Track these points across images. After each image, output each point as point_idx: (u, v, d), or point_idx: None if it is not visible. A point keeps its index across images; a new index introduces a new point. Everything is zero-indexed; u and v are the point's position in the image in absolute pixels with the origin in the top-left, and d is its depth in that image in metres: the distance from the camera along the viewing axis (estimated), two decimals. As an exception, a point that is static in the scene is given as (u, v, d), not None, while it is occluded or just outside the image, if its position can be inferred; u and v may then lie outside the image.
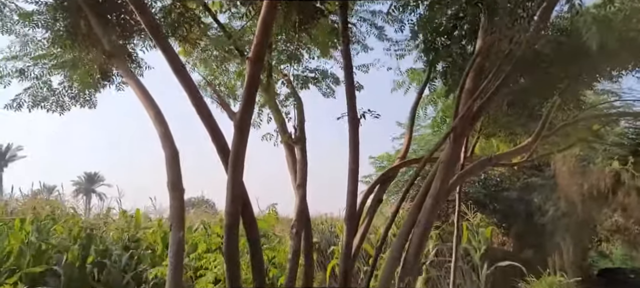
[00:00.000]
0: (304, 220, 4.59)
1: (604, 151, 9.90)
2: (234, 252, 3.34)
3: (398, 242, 4.30)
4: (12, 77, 4.61)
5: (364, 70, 5.53)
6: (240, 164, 3.31)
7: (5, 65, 4.59)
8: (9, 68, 4.59)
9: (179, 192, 3.33)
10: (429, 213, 4.14)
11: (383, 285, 4.12)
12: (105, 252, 7.74)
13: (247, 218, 3.55)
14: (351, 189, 4.64)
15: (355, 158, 4.66)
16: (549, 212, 11.89)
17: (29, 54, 4.57)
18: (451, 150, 4.29)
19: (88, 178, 48.38)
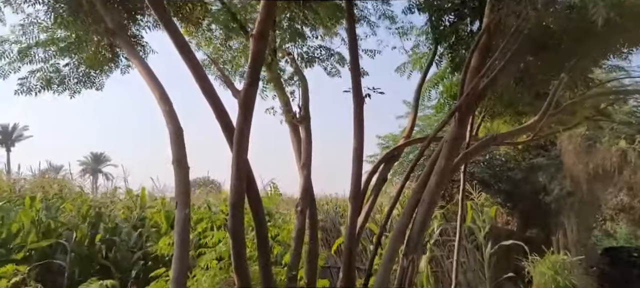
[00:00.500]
0: (309, 199, 4.62)
1: (611, 130, 9.82)
2: (239, 229, 3.37)
3: (402, 221, 4.32)
4: (20, 62, 4.60)
5: (370, 55, 5.48)
6: (245, 142, 3.32)
7: (11, 49, 4.58)
8: (15, 53, 4.59)
9: (184, 170, 3.34)
10: (433, 192, 4.15)
11: (387, 263, 4.15)
12: (115, 230, 7.85)
13: (252, 195, 3.57)
14: (356, 168, 4.65)
15: (359, 137, 4.65)
16: (554, 191, 11.86)
17: (35, 38, 4.55)
18: (456, 129, 4.27)
19: (94, 158, 48.81)
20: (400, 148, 5.77)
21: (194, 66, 3.69)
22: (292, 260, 4.32)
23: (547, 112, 4.36)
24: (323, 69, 5.65)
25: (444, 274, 12.09)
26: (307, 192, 4.56)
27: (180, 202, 3.32)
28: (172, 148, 3.40)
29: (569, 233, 11.32)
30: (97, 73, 4.96)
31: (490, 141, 4.88)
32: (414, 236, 4.22)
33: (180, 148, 3.39)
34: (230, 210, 3.33)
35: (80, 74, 4.90)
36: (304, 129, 4.79)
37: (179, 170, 3.33)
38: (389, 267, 4.18)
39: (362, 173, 4.93)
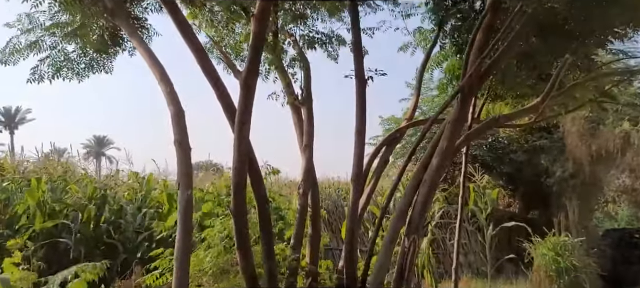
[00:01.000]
0: (311, 180, 4.64)
1: (615, 112, 9.77)
2: (242, 209, 3.40)
3: (403, 202, 4.34)
4: (29, 50, 4.60)
5: (369, 34, 5.42)
6: (247, 122, 3.32)
7: (19, 41, 4.58)
8: (23, 43, 4.58)
9: (186, 151, 3.35)
10: (434, 173, 4.16)
11: (388, 243, 4.19)
12: (120, 211, 7.91)
13: (254, 175, 3.59)
14: (358, 150, 4.66)
15: (362, 119, 4.65)
16: (556, 173, 11.87)
17: (40, 25, 4.53)
18: (458, 110, 4.26)
19: (97, 142, 48.99)
20: (402, 130, 5.77)
21: (195, 48, 3.68)
22: (295, 241, 4.36)
23: (550, 93, 4.34)
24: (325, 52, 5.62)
25: (445, 256, 12.19)
26: (309, 174, 4.58)
27: (183, 183, 3.34)
28: (174, 130, 3.41)
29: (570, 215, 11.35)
30: (103, 57, 4.95)
31: (492, 122, 4.87)
32: (415, 217, 4.25)
33: (182, 129, 3.40)
34: (233, 191, 3.35)
35: (88, 59, 4.90)
36: (305, 110, 4.79)
37: (180, 151, 3.35)
38: (391, 248, 4.22)
39: (364, 155, 4.95)
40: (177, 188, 3.35)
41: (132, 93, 63.68)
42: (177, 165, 3.38)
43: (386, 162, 5.38)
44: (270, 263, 3.62)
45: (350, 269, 4.34)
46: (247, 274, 3.53)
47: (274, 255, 3.73)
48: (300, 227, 4.39)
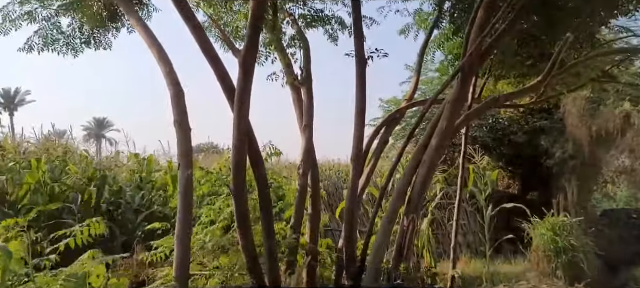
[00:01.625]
0: (311, 161, 4.65)
1: (616, 92, 9.73)
2: (242, 188, 3.41)
3: (403, 182, 4.36)
4: (22, 20, 4.57)
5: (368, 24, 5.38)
6: (246, 101, 3.31)
7: (14, 10, 4.54)
8: (18, 12, 4.55)
9: (186, 131, 3.35)
10: (434, 153, 4.17)
11: (387, 223, 4.22)
12: (119, 192, 7.95)
13: (253, 155, 3.60)
14: (358, 130, 4.65)
15: (362, 99, 4.63)
16: (556, 154, 11.88)
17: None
18: (459, 90, 4.25)
19: (98, 124, 48.98)
20: (402, 111, 5.76)
21: (193, 25, 3.65)
22: (295, 221, 4.39)
23: (552, 71, 4.31)
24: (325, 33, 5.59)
25: (444, 236, 12.30)
26: (309, 154, 4.58)
27: (183, 163, 3.35)
28: (173, 110, 3.40)
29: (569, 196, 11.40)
30: (101, 32, 4.91)
31: (492, 103, 4.85)
32: (415, 197, 4.28)
33: (181, 109, 3.40)
34: (233, 170, 3.36)
35: (85, 34, 4.87)
36: (305, 91, 4.77)
37: (180, 132, 3.35)
38: (390, 227, 4.26)
39: (364, 136, 4.94)
40: (177, 169, 3.36)
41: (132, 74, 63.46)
42: (177, 146, 3.38)
43: (386, 143, 5.39)
44: (271, 243, 3.65)
45: (349, 248, 4.38)
46: (247, 253, 3.56)
47: (274, 234, 3.76)
48: (300, 207, 4.42)
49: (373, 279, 3.96)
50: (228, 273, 3.87)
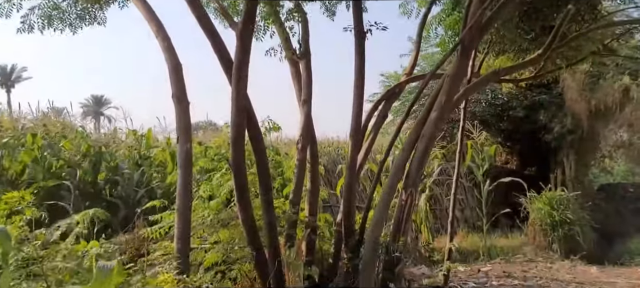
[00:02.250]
0: (310, 135, 4.64)
1: (616, 66, 9.69)
2: (241, 162, 3.41)
3: (402, 156, 4.36)
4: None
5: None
6: (244, 75, 3.29)
7: None
8: None
9: (184, 105, 3.34)
10: (432, 127, 4.16)
11: (386, 196, 4.24)
12: (116, 168, 7.95)
13: (252, 129, 3.59)
14: (356, 104, 4.63)
15: (360, 73, 4.60)
16: (554, 129, 11.91)
17: None
18: (458, 64, 4.22)
19: (95, 101, 48.73)
20: (401, 85, 5.73)
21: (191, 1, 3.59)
22: (294, 195, 4.41)
23: (552, 44, 4.27)
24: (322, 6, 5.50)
25: (442, 212, 12.41)
26: (307, 129, 4.57)
27: (182, 136, 3.35)
28: (171, 84, 3.38)
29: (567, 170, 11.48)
30: (95, 8, 4.82)
31: (492, 76, 4.83)
32: (413, 171, 4.29)
33: (180, 83, 3.38)
34: (232, 145, 3.36)
35: (79, 10, 4.78)
36: (304, 65, 4.73)
37: (179, 106, 3.34)
38: (388, 201, 4.27)
39: (363, 110, 4.93)
40: (176, 142, 3.36)
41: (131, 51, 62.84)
42: (176, 120, 3.38)
43: (385, 117, 5.37)
44: (270, 216, 3.68)
45: (348, 222, 4.41)
46: (247, 226, 3.59)
47: (273, 208, 3.78)
48: (299, 181, 4.44)
49: (371, 252, 4.00)
50: (228, 246, 3.91)
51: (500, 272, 7.88)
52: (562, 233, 9.41)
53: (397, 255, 4.12)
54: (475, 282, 7.16)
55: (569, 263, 8.55)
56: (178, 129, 3.38)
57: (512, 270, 8.02)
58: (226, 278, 3.86)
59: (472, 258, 9.52)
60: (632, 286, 6.79)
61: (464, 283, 7.10)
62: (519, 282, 7.06)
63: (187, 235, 3.36)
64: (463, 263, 9.01)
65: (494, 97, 13.51)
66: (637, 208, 11.71)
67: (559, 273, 7.73)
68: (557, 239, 9.44)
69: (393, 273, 4.15)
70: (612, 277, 7.44)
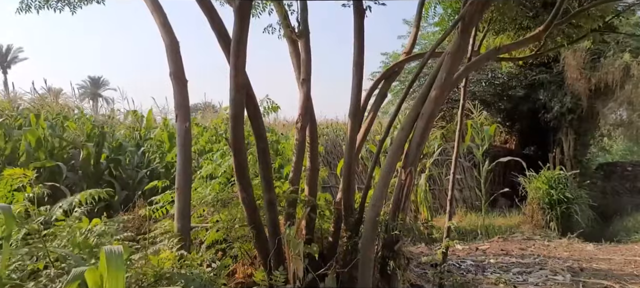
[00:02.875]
0: (309, 115, 4.62)
1: (617, 44, 9.63)
2: (240, 141, 3.40)
3: (401, 134, 4.36)
4: None
5: None
6: (242, 52, 3.25)
7: None
8: None
9: (182, 82, 3.32)
10: (433, 104, 4.14)
11: (385, 175, 4.24)
12: (119, 149, 7.96)
13: (251, 108, 3.57)
14: (356, 83, 4.59)
15: (360, 51, 4.55)
16: (554, 108, 11.91)
17: None
18: (459, 41, 4.18)
19: (93, 82, 48.49)
20: (400, 64, 5.68)
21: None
22: (294, 174, 4.41)
23: (554, 20, 4.23)
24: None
25: (441, 192, 12.50)
26: (307, 108, 4.54)
27: (180, 115, 3.34)
28: (169, 61, 3.35)
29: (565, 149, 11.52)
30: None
31: (492, 53, 4.78)
32: (413, 149, 4.28)
33: (177, 61, 3.35)
34: (231, 123, 3.34)
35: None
36: (302, 43, 4.67)
37: (176, 84, 3.31)
38: (387, 180, 4.28)
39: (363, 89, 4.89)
40: (175, 121, 3.35)
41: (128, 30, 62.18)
42: (174, 98, 3.36)
43: (384, 96, 5.33)
44: (270, 195, 3.69)
45: (347, 201, 4.43)
46: (247, 205, 3.60)
47: (273, 186, 3.79)
48: (298, 161, 4.43)
49: (371, 230, 4.02)
50: (228, 225, 3.93)
51: (498, 249, 7.97)
52: (560, 212, 9.50)
53: (397, 233, 4.14)
54: (473, 259, 7.25)
55: (566, 241, 8.64)
56: (176, 107, 3.36)
57: (509, 248, 8.11)
58: (227, 256, 3.89)
59: (471, 237, 9.63)
60: (628, 262, 6.89)
61: (462, 261, 7.20)
62: (516, 260, 7.15)
63: (187, 213, 3.38)
64: (461, 242, 9.12)
65: (493, 76, 13.48)
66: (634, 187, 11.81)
67: (556, 251, 7.82)
68: (554, 218, 9.53)
69: (392, 251, 4.19)
70: (609, 253, 7.54)
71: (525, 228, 9.92)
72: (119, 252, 1.52)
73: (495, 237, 9.29)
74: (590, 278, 6.05)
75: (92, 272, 1.56)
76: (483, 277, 6.11)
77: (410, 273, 5.78)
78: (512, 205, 11.80)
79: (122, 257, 1.51)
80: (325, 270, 3.86)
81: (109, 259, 1.47)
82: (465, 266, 6.82)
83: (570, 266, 6.62)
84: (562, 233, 9.24)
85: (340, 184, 4.77)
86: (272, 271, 3.33)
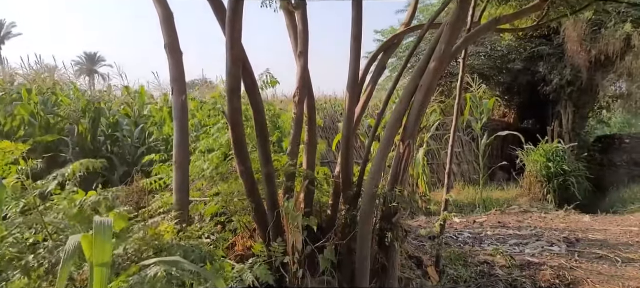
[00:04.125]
0: (307, 88, 4.57)
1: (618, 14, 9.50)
2: (237, 115, 3.37)
3: (399, 107, 4.32)
4: None
5: None
6: (238, 23, 3.18)
7: None
8: None
9: (177, 54, 3.27)
10: (431, 76, 4.10)
11: (383, 148, 4.23)
12: (116, 125, 7.93)
13: (248, 81, 3.53)
14: (354, 56, 4.53)
15: (358, 23, 4.47)
16: (554, 81, 11.85)
17: None
18: (458, 11, 4.10)
19: (89, 59, 48.02)
20: (399, 36, 5.60)
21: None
22: (292, 148, 4.39)
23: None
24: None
25: (439, 166, 12.54)
26: (304, 82, 4.49)
27: (177, 88, 3.30)
28: (163, 34, 3.29)
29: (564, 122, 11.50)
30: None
31: (492, 24, 4.71)
32: (411, 122, 4.26)
33: (172, 32, 3.29)
34: (228, 96, 3.30)
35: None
36: (299, 15, 4.59)
37: (172, 56, 3.26)
38: (386, 153, 4.27)
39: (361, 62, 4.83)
40: (171, 94, 3.31)
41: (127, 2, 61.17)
42: (169, 71, 3.31)
43: (383, 69, 5.27)
44: (268, 168, 3.68)
45: (346, 174, 4.43)
46: (245, 178, 3.59)
47: (272, 160, 3.78)
48: (296, 135, 4.41)
49: (369, 204, 4.03)
50: (227, 198, 3.93)
51: (495, 222, 8.05)
52: (557, 185, 9.57)
53: (395, 206, 4.16)
54: (471, 232, 7.33)
55: (563, 213, 8.73)
56: (172, 80, 3.31)
57: (507, 220, 8.19)
58: (226, 229, 3.91)
59: (469, 210, 9.72)
60: (623, 232, 6.97)
61: (460, 233, 7.28)
62: (513, 232, 7.23)
63: (186, 187, 3.37)
64: (459, 215, 9.20)
65: (493, 49, 13.36)
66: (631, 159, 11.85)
67: (553, 223, 7.91)
68: (552, 190, 9.61)
69: (391, 224, 4.21)
70: (605, 224, 7.62)
71: (523, 201, 10.01)
72: (108, 224, 1.52)
73: (493, 210, 9.37)
74: (586, 248, 6.13)
75: (87, 238, 1.56)
76: (480, 249, 6.18)
77: (408, 246, 5.85)
78: (510, 178, 11.87)
79: (111, 229, 1.51)
80: (324, 243, 3.88)
81: (97, 230, 1.47)
82: (463, 238, 6.90)
83: (566, 237, 6.70)
84: (559, 206, 9.32)
85: (338, 158, 4.77)
86: (271, 244, 3.35)
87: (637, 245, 6.18)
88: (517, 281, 4.89)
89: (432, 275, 4.82)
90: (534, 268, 5.30)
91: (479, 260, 5.57)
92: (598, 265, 5.37)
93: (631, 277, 4.89)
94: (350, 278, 3.99)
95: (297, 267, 3.50)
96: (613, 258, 5.58)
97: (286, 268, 3.49)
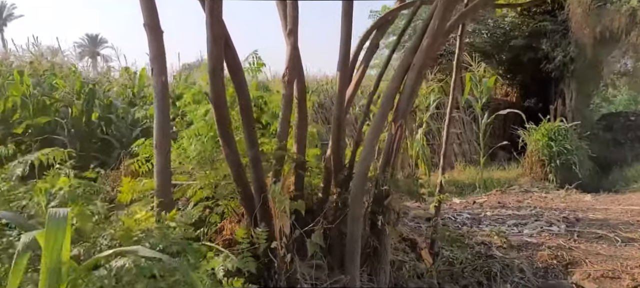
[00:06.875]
0: (297, 68, 4.43)
1: (624, -11, 9.23)
2: (220, 95, 3.25)
3: (391, 86, 4.19)
4: None
5: None
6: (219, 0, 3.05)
7: None
8: None
9: (157, 32, 3.14)
10: (424, 55, 3.96)
11: (375, 128, 4.12)
12: (110, 106, 7.83)
13: (230, 61, 3.40)
14: (345, 34, 4.38)
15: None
16: (557, 58, 11.59)
17: None
18: (453, -15, 3.94)
19: (91, 41, 47.76)
20: (393, 13, 5.41)
21: None
22: (281, 130, 4.28)
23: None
24: None
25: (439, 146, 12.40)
26: (294, 61, 4.34)
27: (156, 68, 3.19)
28: (142, 10, 3.16)
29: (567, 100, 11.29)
30: None
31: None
32: (403, 102, 4.14)
33: (151, 9, 3.15)
34: (209, 77, 3.18)
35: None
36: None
37: (151, 34, 3.13)
38: (377, 133, 4.16)
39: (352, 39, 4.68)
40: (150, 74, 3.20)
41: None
42: (149, 49, 3.18)
43: (376, 46, 5.11)
44: (254, 151, 3.57)
45: (337, 157, 4.32)
46: (231, 161, 3.50)
47: (257, 143, 3.67)
48: (286, 117, 4.28)
49: (359, 186, 3.94)
50: (215, 182, 3.85)
51: (495, 202, 7.97)
52: (559, 164, 9.43)
53: (386, 188, 4.06)
54: (469, 212, 7.25)
55: (564, 193, 8.63)
56: (151, 59, 3.19)
57: (507, 200, 8.11)
58: (214, 213, 3.83)
59: (469, 190, 9.63)
60: (624, 211, 6.86)
61: (459, 214, 7.20)
62: (512, 212, 7.14)
63: (167, 171, 3.28)
64: (460, 195, 9.12)
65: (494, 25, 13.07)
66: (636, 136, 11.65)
67: (553, 202, 7.81)
68: (553, 169, 9.47)
69: (382, 206, 4.12)
70: (606, 204, 7.52)
71: (524, 180, 9.90)
72: (64, 215, 1.44)
73: (493, 190, 9.28)
74: (586, 228, 6.04)
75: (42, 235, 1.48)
76: (478, 230, 6.11)
77: (403, 227, 5.78)
78: (511, 158, 11.73)
79: (66, 220, 1.43)
80: (313, 226, 3.80)
81: (50, 220, 1.39)
82: (461, 219, 6.83)
83: (566, 217, 6.61)
84: (560, 185, 9.21)
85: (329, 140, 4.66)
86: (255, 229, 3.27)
87: (637, 224, 6.09)
88: (513, 262, 4.81)
89: (425, 257, 4.75)
90: (531, 249, 5.23)
91: (475, 241, 5.49)
92: (597, 245, 5.28)
93: (630, 256, 4.80)
94: (340, 261, 3.92)
95: (284, 252, 3.42)
96: (612, 238, 5.48)
97: (274, 252, 3.42)
